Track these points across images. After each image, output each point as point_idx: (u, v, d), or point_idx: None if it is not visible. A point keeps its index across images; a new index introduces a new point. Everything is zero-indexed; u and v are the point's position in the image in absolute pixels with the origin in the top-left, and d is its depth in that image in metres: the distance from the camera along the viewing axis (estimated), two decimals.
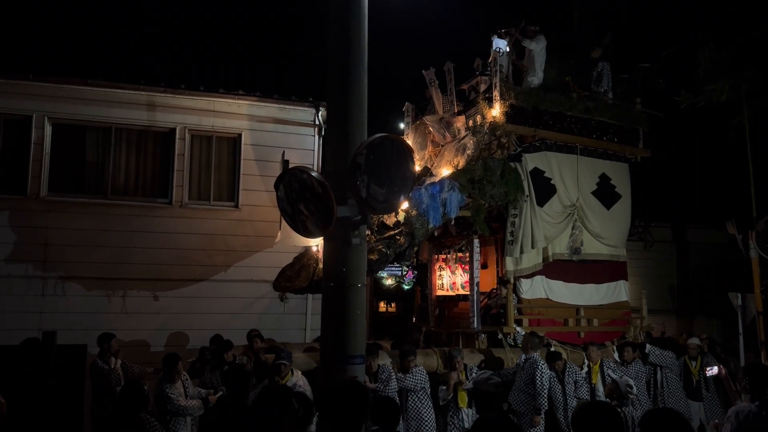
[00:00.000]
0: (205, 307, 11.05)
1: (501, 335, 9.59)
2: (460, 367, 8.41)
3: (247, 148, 11.85)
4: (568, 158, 10.60)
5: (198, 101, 11.65)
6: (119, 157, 11.35)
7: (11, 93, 10.76)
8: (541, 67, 10.65)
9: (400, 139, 4.75)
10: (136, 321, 10.74)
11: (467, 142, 10.33)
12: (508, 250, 9.97)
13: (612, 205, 10.93)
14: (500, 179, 9.69)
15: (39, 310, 10.41)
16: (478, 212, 9.52)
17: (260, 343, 9.22)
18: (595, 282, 10.65)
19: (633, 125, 11.26)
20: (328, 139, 4.81)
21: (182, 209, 11.41)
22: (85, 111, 11.09)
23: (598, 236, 10.67)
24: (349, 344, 4.45)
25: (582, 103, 10.73)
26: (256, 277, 11.23)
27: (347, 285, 4.47)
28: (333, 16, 4.86)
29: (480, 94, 10.69)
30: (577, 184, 10.54)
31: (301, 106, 12.13)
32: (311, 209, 4.27)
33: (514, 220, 9.94)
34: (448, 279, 11.25)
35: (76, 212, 10.86)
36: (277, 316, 11.31)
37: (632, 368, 9.42)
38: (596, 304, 10.60)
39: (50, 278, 10.57)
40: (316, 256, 9.88)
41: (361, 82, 4.80)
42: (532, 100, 10.25)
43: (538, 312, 10.16)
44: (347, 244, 4.40)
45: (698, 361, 9.74)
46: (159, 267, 11.03)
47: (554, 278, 10.36)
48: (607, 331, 10.54)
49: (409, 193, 4.50)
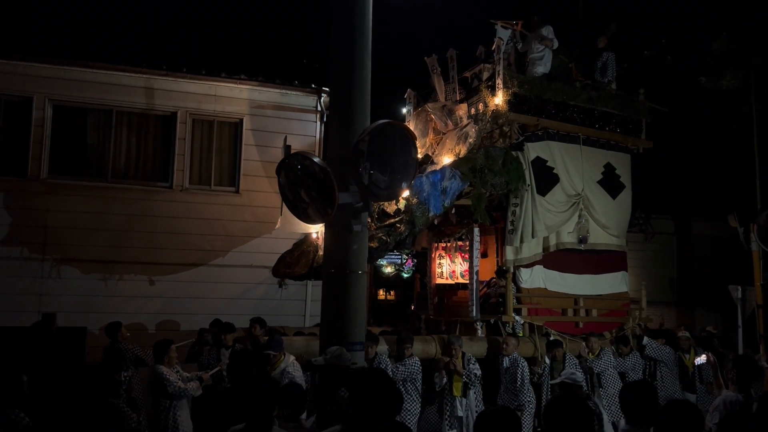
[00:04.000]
0: (204, 292, 11.04)
1: (499, 323, 9.59)
2: (457, 354, 8.33)
3: (249, 133, 11.80)
4: (571, 148, 10.53)
5: (199, 85, 11.58)
6: (120, 140, 11.31)
7: (12, 74, 10.71)
8: (549, 56, 10.57)
9: (403, 126, 4.71)
10: (135, 304, 10.74)
11: (469, 131, 10.25)
12: (508, 239, 9.93)
13: (617, 195, 10.91)
14: (502, 168, 9.62)
15: (38, 292, 10.40)
16: (479, 201, 9.46)
17: (259, 330, 9.19)
18: (593, 273, 10.62)
19: (636, 116, 11.20)
20: (331, 125, 4.77)
21: (183, 193, 11.38)
22: (86, 93, 11.04)
23: (604, 226, 10.65)
24: (349, 331, 4.45)
25: (585, 92, 10.67)
26: (255, 263, 11.21)
27: (348, 272, 4.46)
28: (337, 1, 4.81)
29: (483, 82, 10.61)
30: (582, 174, 10.50)
31: (304, 91, 12.07)
32: (313, 195, 4.24)
33: (515, 209, 9.90)
34: (447, 267, 11.19)
35: (76, 195, 10.84)
36: (276, 301, 11.31)
37: (629, 360, 9.47)
38: (596, 294, 10.58)
39: (49, 260, 10.56)
40: (315, 242, 9.85)
41: (364, 68, 4.75)
42: (535, 89, 10.17)
43: (537, 302, 10.13)
44: (348, 230, 4.38)
45: (691, 354, 9.73)
46: (158, 251, 11.02)
47: (552, 268, 10.33)
48: (605, 322, 10.53)
49: (411, 180, 4.47)
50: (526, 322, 9.68)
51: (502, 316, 9.58)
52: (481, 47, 11.08)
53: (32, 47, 10.88)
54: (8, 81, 10.70)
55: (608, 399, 8.97)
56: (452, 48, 11.07)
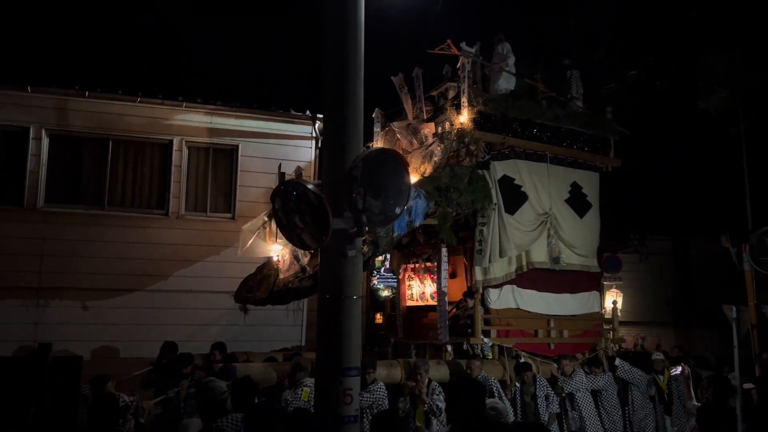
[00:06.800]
0: (200, 319, 11.02)
1: (467, 346, 9.29)
2: (422, 380, 7.84)
3: (244, 160, 11.89)
4: (539, 166, 10.33)
5: (195, 113, 11.69)
6: (116, 168, 11.38)
7: (9, 104, 10.82)
8: (511, 73, 10.44)
9: (395, 153, 4.78)
10: (136, 332, 10.69)
11: (434, 149, 10.06)
12: (477, 259, 9.62)
13: (584, 214, 10.69)
14: (467, 187, 9.32)
15: (34, 321, 10.39)
16: (445, 220, 9.10)
17: (218, 356, 9.03)
18: (569, 291, 10.40)
19: (603, 134, 11.07)
20: (324, 151, 4.83)
21: (179, 220, 11.42)
22: (82, 122, 11.14)
23: (570, 245, 10.41)
24: (344, 356, 4.45)
25: (551, 110, 10.48)
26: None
27: (343, 297, 4.47)
28: (329, 29, 4.91)
29: (448, 100, 10.47)
30: (550, 193, 10.29)
31: (299, 118, 12.19)
32: (307, 221, 4.28)
33: (482, 228, 9.60)
34: (417, 289, 10.94)
35: (73, 223, 10.87)
36: (276, 327, 11.29)
37: (602, 378, 9.42)
38: (570, 314, 10.36)
39: (46, 289, 10.56)
40: (276, 265, 9.58)
41: (356, 95, 4.82)
42: (500, 106, 9.94)
43: (507, 323, 9.87)
44: (343, 256, 4.41)
45: (665, 375, 9.67)
46: (157, 278, 11.03)
47: (526, 287, 10.07)
48: (578, 343, 10.30)
49: (405, 206, 4.52)
50: (495, 344, 9.42)
51: (470, 338, 9.28)
52: (447, 66, 10.89)
53: (29, 77, 10.98)
54: (5, 111, 10.80)
55: (581, 421, 8.92)
56: (418, 67, 10.84)
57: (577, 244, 10.51)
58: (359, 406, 5.18)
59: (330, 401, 4.40)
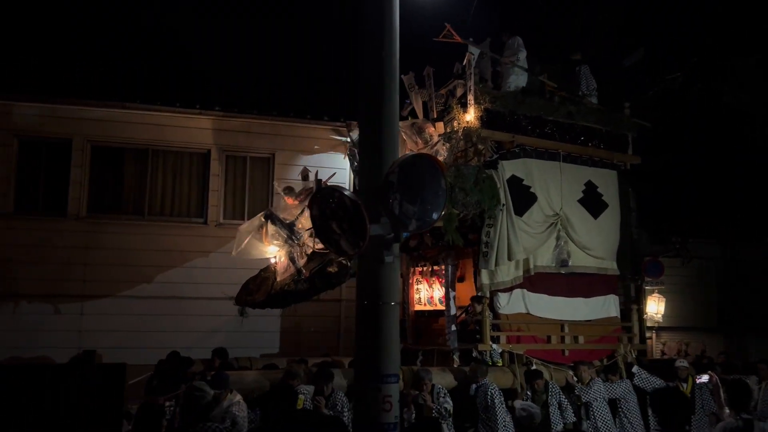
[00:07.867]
0: (233, 326, 11.05)
1: (476, 353, 8.99)
2: (427, 389, 7.77)
3: (280, 168, 11.99)
4: (551, 165, 9.94)
5: (232, 122, 11.85)
6: (156, 177, 11.59)
7: (52, 117, 11.10)
8: (522, 68, 10.13)
9: (431, 158, 4.76)
10: (171, 339, 10.81)
11: (440, 149, 9.72)
12: (483, 262, 9.21)
13: (599, 215, 10.25)
14: (473, 187, 8.98)
15: (77, 328, 10.61)
16: (450, 221, 8.75)
17: (217, 362, 9.05)
18: (583, 296, 9.97)
19: (621, 131, 10.72)
20: (361, 157, 4.83)
21: (217, 228, 11.57)
22: (123, 133, 11.37)
23: (584, 247, 9.99)
24: (383, 362, 4.43)
25: (564, 107, 10.13)
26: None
27: (381, 303, 4.46)
28: (365, 36, 4.91)
29: (455, 98, 10.13)
30: (561, 193, 9.90)
31: (334, 125, 12.25)
32: (344, 228, 4.28)
33: (489, 230, 9.20)
34: (425, 293, 10.50)
35: (115, 232, 11.09)
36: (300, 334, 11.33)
37: (620, 385, 9.02)
38: (582, 319, 9.94)
39: (89, 297, 10.78)
40: (274, 268, 9.45)
41: (392, 101, 4.82)
42: (509, 104, 9.66)
43: (518, 328, 9.49)
44: (380, 261, 4.40)
45: (689, 383, 9.16)
46: (195, 285, 11.17)
47: (537, 291, 9.68)
48: (595, 350, 9.84)
49: (441, 211, 4.49)
50: (505, 350, 9.08)
51: (478, 344, 8.97)
52: (457, 64, 10.47)
53: (71, 90, 11.27)
54: (49, 124, 11.09)
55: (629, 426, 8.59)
56: (429, 66, 10.57)
57: (591, 246, 10.09)
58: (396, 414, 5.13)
59: (369, 408, 4.38)
